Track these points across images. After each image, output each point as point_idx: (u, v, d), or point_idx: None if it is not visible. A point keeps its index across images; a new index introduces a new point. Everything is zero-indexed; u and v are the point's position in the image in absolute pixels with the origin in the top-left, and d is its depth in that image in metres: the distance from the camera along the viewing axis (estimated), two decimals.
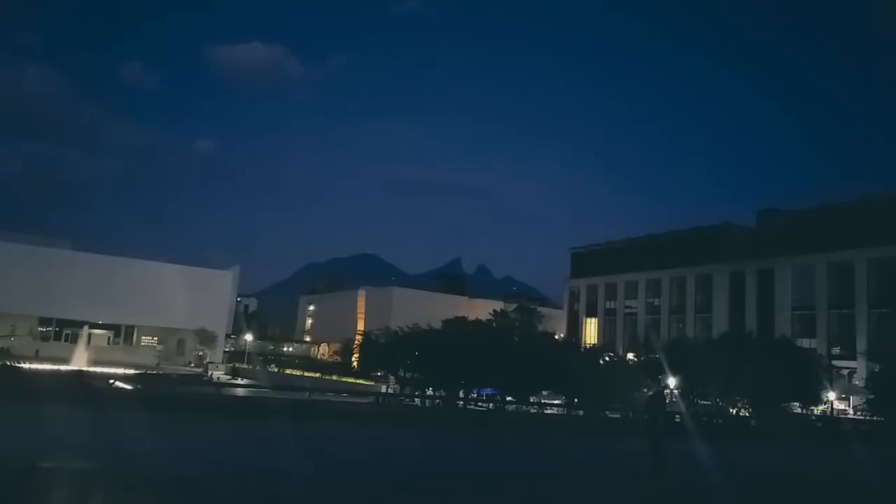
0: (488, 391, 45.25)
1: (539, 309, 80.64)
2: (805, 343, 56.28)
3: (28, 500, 10.20)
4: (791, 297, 63.80)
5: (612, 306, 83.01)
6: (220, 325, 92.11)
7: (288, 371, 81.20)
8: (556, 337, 62.36)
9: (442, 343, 42.97)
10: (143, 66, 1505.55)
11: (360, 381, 58.25)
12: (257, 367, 76.09)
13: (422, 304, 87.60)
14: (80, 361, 57.57)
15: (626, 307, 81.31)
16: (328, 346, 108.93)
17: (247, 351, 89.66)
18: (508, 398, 42.97)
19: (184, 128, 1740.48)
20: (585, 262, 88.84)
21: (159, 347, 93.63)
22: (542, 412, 38.53)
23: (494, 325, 57.18)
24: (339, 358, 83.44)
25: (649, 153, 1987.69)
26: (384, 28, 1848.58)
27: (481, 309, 74.43)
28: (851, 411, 50.09)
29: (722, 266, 70.14)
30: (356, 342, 63.05)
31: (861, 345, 55.60)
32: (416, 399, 39.75)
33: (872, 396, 43.33)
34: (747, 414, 42.03)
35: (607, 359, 49.68)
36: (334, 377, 66.94)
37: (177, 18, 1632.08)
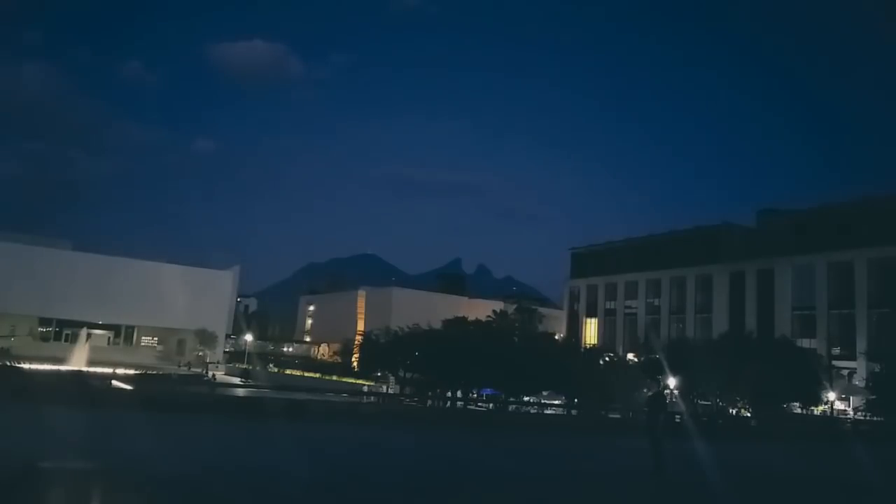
0: (488, 391, 45.28)
1: (539, 309, 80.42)
2: (805, 343, 56.32)
3: (28, 500, 10.20)
4: (791, 297, 63.81)
5: (612, 306, 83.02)
6: (220, 325, 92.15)
7: (288, 371, 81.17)
8: (556, 337, 62.41)
9: (442, 343, 43.01)
10: (143, 64, 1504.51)
11: (361, 382, 58.27)
12: (257, 368, 76.08)
13: (422, 304, 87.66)
14: (79, 361, 57.56)
15: (626, 307, 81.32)
16: (328, 346, 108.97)
17: (247, 351, 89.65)
18: (509, 398, 42.99)
19: (184, 127, 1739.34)
20: (585, 263, 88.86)
21: (159, 348, 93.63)
22: (542, 412, 38.56)
23: (494, 325, 57.16)
24: (339, 358, 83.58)
25: (649, 153, 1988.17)
26: (385, 27, 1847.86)
27: (481, 309, 74.37)
28: (851, 411, 50.08)
29: (722, 266, 70.16)
30: (356, 342, 63.18)
31: (861, 345, 55.64)
32: (416, 399, 39.76)
33: (873, 396, 43.36)
34: (747, 414, 42.04)
35: (607, 359, 49.70)
36: (334, 377, 66.97)
37: (177, 16, 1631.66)
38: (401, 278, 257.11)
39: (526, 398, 43.38)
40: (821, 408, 46.44)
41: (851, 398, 52.13)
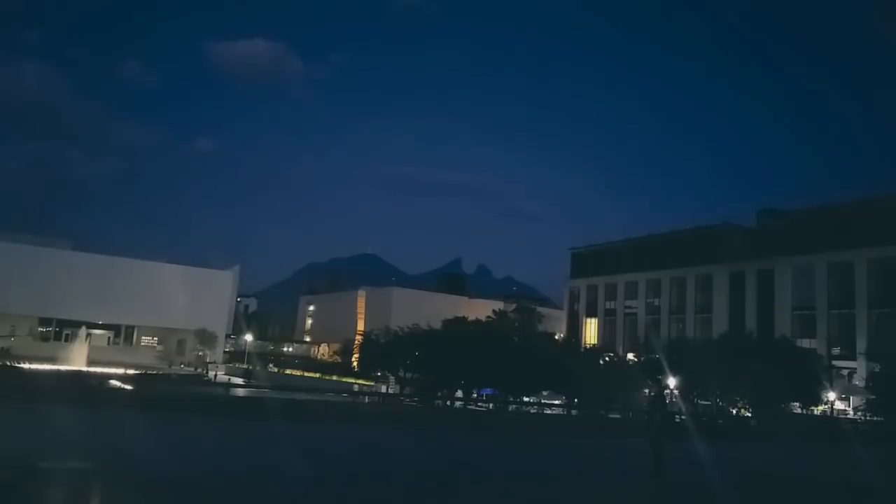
0: (488, 391, 45.26)
1: (539, 309, 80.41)
2: (805, 343, 56.23)
3: (28, 500, 10.20)
4: (791, 297, 63.76)
5: (612, 306, 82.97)
6: (220, 325, 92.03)
7: (288, 371, 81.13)
8: (556, 337, 62.32)
9: (442, 343, 42.95)
10: (143, 63, 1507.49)
11: (361, 382, 58.28)
12: (257, 368, 76.04)
13: (422, 304, 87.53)
14: (79, 361, 57.54)
15: (626, 307, 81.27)
16: (328, 346, 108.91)
17: (247, 351, 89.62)
18: (509, 398, 42.96)
19: (184, 126, 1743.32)
20: (585, 263, 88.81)
21: (159, 348, 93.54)
22: (542, 412, 38.57)
23: (494, 325, 57.10)
24: (339, 358, 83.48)
25: (649, 153, 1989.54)
26: (385, 26, 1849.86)
27: (481, 309, 74.36)
28: (851, 411, 50.05)
29: (722, 266, 70.11)
30: (356, 342, 63.10)
31: (861, 345, 55.57)
32: (416, 399, 39.74)
33: (873, 396, 43.32)
34: (748, 414, 42.03)
35: (607, 359, 49.65)
36: (334, 377, 66.93)
37: (177, 16, 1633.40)
38: (401, 278, 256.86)
39: (526, 398, 43.35)
40: (821, 408, 46.41)
41: (851, 398, 52.10)
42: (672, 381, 41.20)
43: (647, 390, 41.09)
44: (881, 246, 56.43)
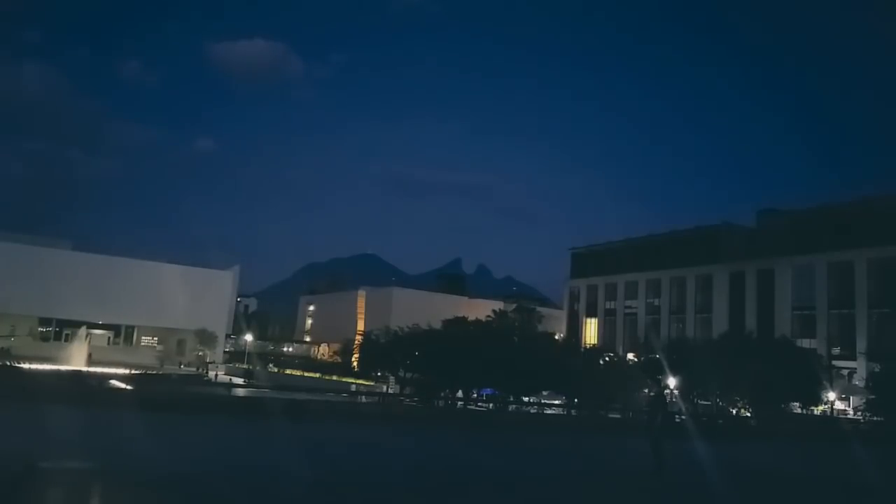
0: (488, 391, 45.27)
1: (539, 309, 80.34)
2: (805, 343, 56.28)
3: (28, 500, 10.20)
4: (791, 297, 63.81)
5: (612, 306, 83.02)
6: (220, 325, 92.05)
7: (288, 371, 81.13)
8: (556, 337, 62.32)
9: (442, 343, 42.95)
10: (143, 63, 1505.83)
11: (361, 382, 58.32)
12: (258, 368, 76.03)
13: (422, 304, 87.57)
14: (79, 361, 57.56)
15: (626, 307, 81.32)
16: (328, 346, 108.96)
17: (247, 351, 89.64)
18: (509, 398, 42.96)
19: (184, 126, 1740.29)
20: (585, 263, 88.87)
21: (159, 348, 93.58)
22: (542, 412, 38.58)
23: (494, 325, 57.09)
24: (338, 358, 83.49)
25: (649, 153, 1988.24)
26: (385, 26, 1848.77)
27: (481, 309, 74.33)
28: (851, 411, 50.08)
29: (722, 266, 70.16)
30: (356, 342, 63.09)
31: (861, 345, 55.63)
32: (416, 399, 39.75)
33: (873, 396, 43.35)
34: (748, 414, 42.05)
35: (607, 359, 49.66)
36: (334, 377, 66.96)
37: (177, 16, 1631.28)
38: (401, 278, 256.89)
39: (526, 398, 43.36)
40: (821, 408, 46.44)
41: (851, 398, 52.14)
42: (672, 381, 41.22)
43: (647, 390, 41.06)
44: (881, 246, 56.47)
